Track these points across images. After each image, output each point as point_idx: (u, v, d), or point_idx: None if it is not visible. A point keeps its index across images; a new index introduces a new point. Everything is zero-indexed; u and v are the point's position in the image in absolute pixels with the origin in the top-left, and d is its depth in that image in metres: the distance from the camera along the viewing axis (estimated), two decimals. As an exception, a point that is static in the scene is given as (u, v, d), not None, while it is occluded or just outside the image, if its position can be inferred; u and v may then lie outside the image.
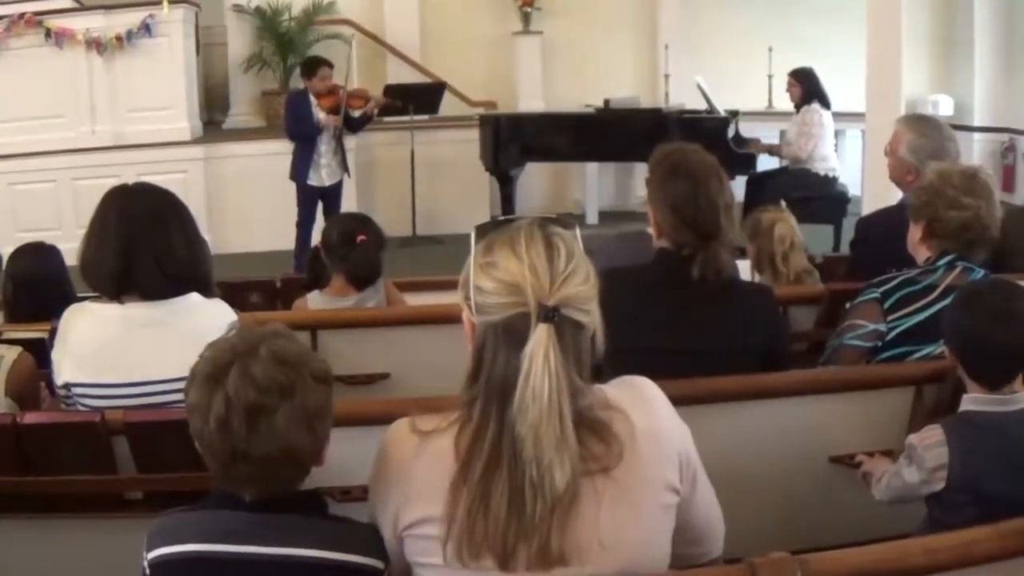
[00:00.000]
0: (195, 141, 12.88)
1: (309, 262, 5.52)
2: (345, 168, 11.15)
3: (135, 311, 3.51)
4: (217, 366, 2.36)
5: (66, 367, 3.53)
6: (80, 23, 12.21)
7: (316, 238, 6.33)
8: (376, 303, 5.22)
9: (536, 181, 14.06)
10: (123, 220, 3.53)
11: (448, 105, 13.10)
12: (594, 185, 14.20)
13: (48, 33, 12.12)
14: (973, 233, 3.92)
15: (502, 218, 2.38)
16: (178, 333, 3.10)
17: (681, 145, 4.02)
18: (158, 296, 3.51)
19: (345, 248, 5.11)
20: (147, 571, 2.42)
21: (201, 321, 3.27)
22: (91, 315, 3.56)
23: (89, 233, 3.59)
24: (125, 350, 3.48)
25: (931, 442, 3.10)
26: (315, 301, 5.20)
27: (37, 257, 5.26)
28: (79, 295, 4.38)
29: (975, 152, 12.76)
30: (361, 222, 5.33)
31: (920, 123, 5.22)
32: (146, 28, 12.28)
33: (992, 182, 4.00)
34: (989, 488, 2.99)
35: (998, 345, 3.08)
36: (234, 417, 2.30)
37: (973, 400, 3.17)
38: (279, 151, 11.58)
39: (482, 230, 2.36)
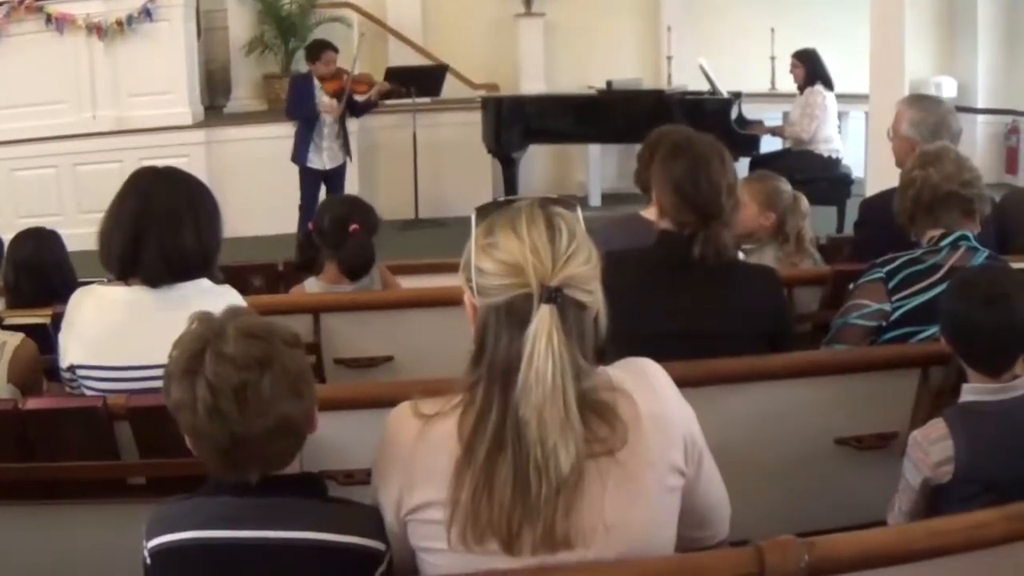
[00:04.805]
0: (196, 125, 12.82)
1: (301, 245, 5.35)
2: (347, 151, 11.17)
3: (143, 294, 3.49)
4: (191, 357, 2.34)
5: (72, 349, 3.52)
6: (80, 8, 12.12)
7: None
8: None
9: (539, 163, 14.04)
10: (139, 205, 3.51)
11: (450, 88, 13.07)
12: (597, 167, 14.14)
13: (48, 18, 12.05)
14: (941, 198, 3.94)
15: (503, 199, 2.36)
16: (186, 317, 3.11)
17: (682, 127, 4.01)
18: (159, 284, 3.48)
19: (338, 236, 4.94)
20: (148, 560, 2.42)
21: (210, 306, 3.26)
22: (98, 297, 3.55)
23: (109, 210, 3.56)
24: (131, 333, 3.46)
25: (935, 436, 3.08)
26: (312, 287, 5.11)
27: (38, 242, 5.24)
28: (80, 280, 4.38)
29: (978, 134, 12.71)
30: (353, 207, 5.17)
31: (920, 100, 5.30)
32: (147, 12, 12.21)
33: (955, 153, 4.05)
34: (999, 476, 2.97)
35: (988, 329, 3.06)
36: (222, 400, 2.28)
37: (972, 390, 3.15)
38: (281, 135, 11.59)
39: (483, 211, 2.34)
